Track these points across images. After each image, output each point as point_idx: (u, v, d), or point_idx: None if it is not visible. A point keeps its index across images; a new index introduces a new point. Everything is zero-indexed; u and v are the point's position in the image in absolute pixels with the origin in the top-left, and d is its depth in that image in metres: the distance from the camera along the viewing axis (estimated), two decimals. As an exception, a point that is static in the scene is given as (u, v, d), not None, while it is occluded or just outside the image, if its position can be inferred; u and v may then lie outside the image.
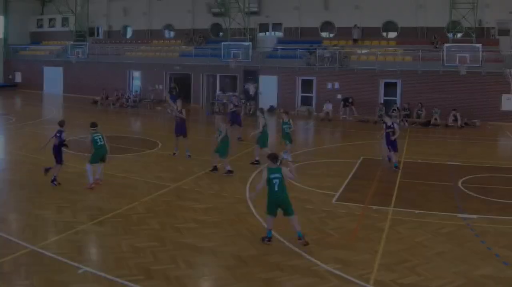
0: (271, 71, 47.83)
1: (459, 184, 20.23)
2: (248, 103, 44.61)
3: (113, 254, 12.33)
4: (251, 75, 47.23)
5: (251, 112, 43.07)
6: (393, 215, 16.08)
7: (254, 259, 12.28)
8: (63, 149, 18.39)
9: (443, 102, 40.50)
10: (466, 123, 38.63)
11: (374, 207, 16.95)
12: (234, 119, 31.27)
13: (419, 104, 40.25)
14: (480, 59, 40.03)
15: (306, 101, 47.60)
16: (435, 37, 45.97)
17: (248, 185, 19.56)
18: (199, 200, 17.48)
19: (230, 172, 21.29)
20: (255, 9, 52.80)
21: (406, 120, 39.58)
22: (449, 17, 43.55)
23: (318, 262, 12.14)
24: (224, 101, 45.28)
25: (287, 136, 24.40)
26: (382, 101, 43.26)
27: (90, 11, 61.22)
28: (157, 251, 12.59)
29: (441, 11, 45.29)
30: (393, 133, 22.77)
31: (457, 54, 40.23)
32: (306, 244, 13.12)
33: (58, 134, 18.26)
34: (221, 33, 56.32)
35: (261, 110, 25.19)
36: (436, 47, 44.81)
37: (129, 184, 19.33)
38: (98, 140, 19.62)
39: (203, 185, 19.52)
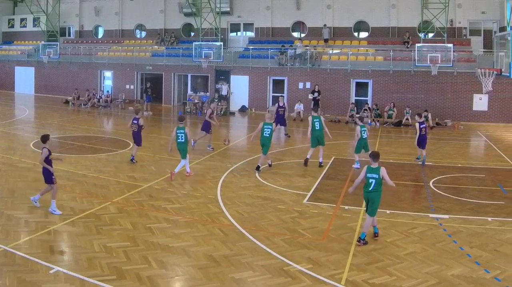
0: (242, 71, 47.93)
1: (431, 184, 20.38)
2: (220, 103, 44.60)
3: (85, 254, 12.30)
4: (223, 75, 47.18)
5: (222, 112, 43.19)
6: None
7: (227, 259, 12.28)
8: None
9: (415, 102, 41.00)
10: (437, 123, 38.96)
11: (346, 207, 17.02)
12: (280, 120, 31.87)
13: (391, 104, 40.47)
14: (452, 59, 40.25)
15: (277, 101, 47.16)
16: (406, 37, 46.25)
17: (219, 185, 19.58)
18: (171, 200, 17.45)
19: (269, 165, 22.61)
20: (226, 9, 52.92)
21: (378, 121, 39.83)
22: (420, 17, 43.75)
23: (290, 262, 12.17)
24: (196, 101, 45.61)
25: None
26: (354, 101, 43.44)
27: (62, 11, 60.73)
28: (129, 251, 12.58)
29: (413, 11, 45.93)
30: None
31: (429, 54, 40.37)
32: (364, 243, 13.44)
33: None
34: (192, 33, 56.45)
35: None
36: (408, 47, 45.12)
37: (101, 184, 19.26)
38: (179, 136, 21.12)
39: (175, 185, 19.51)
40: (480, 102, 40.96)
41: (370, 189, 13.73)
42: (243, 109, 47.45)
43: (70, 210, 15.75)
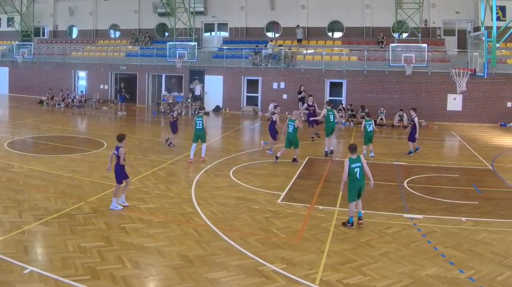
0: (216, 71, 47.97)
1: (405, 184, 20.47)
2: (193, 103, 44.69)
3: (60, 254, 12.24)
4: (197, 75, 47.25)
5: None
6: (339, 215, 16.17)
7: (201, 259, 12.27)
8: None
9: (389, 102, 41.26)
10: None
11: (320, 207, 17.05)
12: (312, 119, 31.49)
13: (362, 106, 40.57)
14: (426, 59, 40.53)
15: (251, 101, 47.84)
16: (381, 37, 46.52)
17: (194, 185, 19.58)
18: (145, 200, 17.43)
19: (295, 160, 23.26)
20: (200, 9, 52.98)
21: (352, 121, 39.92)
22: (395, 17, 44.12)
23: (264, 262, 12.18)
24: (170, 101, 45.61)
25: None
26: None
27: (36, 11, 60.53)
28: (103, 251, 12.53)
29: (387, 11, 46.32)
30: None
31: (403, 54, 40.67)
32: (362, 223, 15.04)
33: (115, 152, 16.73)
34: (167, 33, 56.43)
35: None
36: (382, 47, 45.35)
37: (76, 184, 19.18)
38: (198, 123, 23.68)
39: (150, 185, 19.49)
40: (454, 102, 41.29)
41: (358, 177, 15.02)
42: (217, 109, 47.49)
43: (44, 210, 15.67)
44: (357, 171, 14.98)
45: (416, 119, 25.65)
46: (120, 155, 16.32)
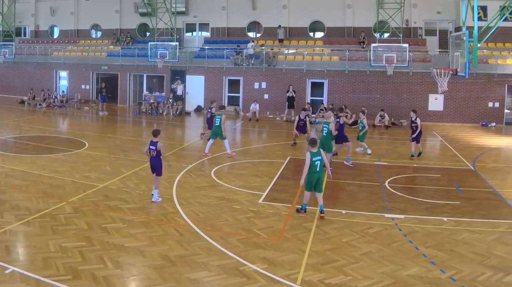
0: (198, 71, 47.95)
1: (387, 184, 20.46)
2: (175, 103, 44.82)
3: (41, 254, 12.18)
4: (178, 75, 47.14)
5: (177, 112, 43.18)
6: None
7: (182, 259, 12.23)
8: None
9: (370, 102, 41.41)
10: (393, 123, 39.36)
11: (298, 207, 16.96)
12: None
13: (343, 106, 40.55)
14: (407, 59, 40.80)
15: (233, 101, 47.95)
16: (362, 37, 46.76)
17: (175, 185, 19.58)
18: (126, 199, 17.36)
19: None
20: (182, 9, 53.18)
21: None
22: (376, 17, 44.43)
23: (246, 262, 12.15)
24: (151, 101, 45.59)
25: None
26: (309, 101, 43.64)
27: (17, 10, 60.20)
28: (85, 251, 12.47)
29: (369, 11, 46.66)
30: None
31: (384, 54, 40.88)
32: (323, 217, 15.73)
33: (152, 147, 17.60)
34: (148, 33, 56.53)
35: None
36: (363, 47, 45.62)
37: (57, 184, 19.07)
38: (217, 121, 24.66)
39: (131, 185, 19.43)
40: (436, 102, 41.53)
41: (318, 169, 15.87)
42: (198, 109, 47.55)
43: (25, 210, 15.59)
44: (317, 163, 15.83)
45: (418, 120, 25.69)
46: (160, 149, 17.40)
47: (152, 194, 17.40)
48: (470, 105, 41.40)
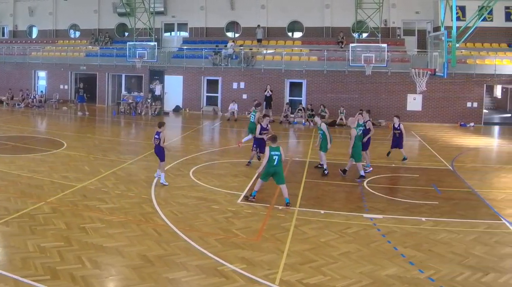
0: (176, 71, 47.95)
1: (365, 184, 20.49)
2: (153, 103, 44.79)
3: (19, 254, 12.12)
4: (157, 75, 47.13)
5: (156, 112, 43.12)
6: (299, 215, 16.16)
7: (160, 259, 12.21)
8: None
9: (349, 102, 41.54)
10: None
11: (280, 207, 17.02)
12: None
13: (321, 106, 40.87)
14: (386, 59, 40.87)
15: (211, 101, 48.01)
16: (340, 37, 46.92)
17: (153, 185, 19.51)
18: (105, 200, 17.30)
19: (362, 177, 21.33)
20: (160, 9, 53.00)
21: (311, 121, 39.81)
22: (354, 17, 44.52)
23: (224, 262, 12.13)
24: (130, 101, 45.64)
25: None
26: (288, 101, 43.77)
27: (-4, 11, 60.00)
28: (63, 251, 12.42)
29: (347, 11, 46.82)
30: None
31: (363, 54, 40.84)
32: (289, 206, 16.90)
33: (156, 136, 19.90)
34: (126, 33, 56.32)
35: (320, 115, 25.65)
36: (342, 47, 45.72)
37: (35, 184, 19.01)
38: (252, 117, 26.01)
39: (109, 185, 19.36)
40: (414, 102, 41.77)
41: (275, 163, 17.03)
42: (177, 109, 47.61)
43: (4, 210, 15.51)
44: (275, 158, 16.99)
45: (402, 126, 25.63)
46: (161, 138, 19.61)
47: (157, 176, 20.14)
48: (449, 105, 41.67)
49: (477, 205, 18.04)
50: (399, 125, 25.50)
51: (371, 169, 23.08)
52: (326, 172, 22.02)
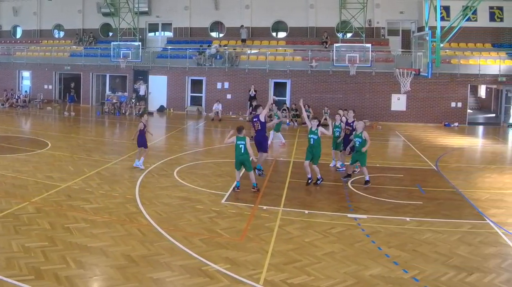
0: (161, 71, 47.98)
1: (349, 184, 20.53)
2: (138, 103, 44.79)
3: (4, 254, 12.09)
4: (141, 75, 47.25)
5: (140, 112, 42.98)
6: (283, 215, 16.17)
7: (145, 259, 12.19)
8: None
9: (333, 102, 41.41)
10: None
11: (264, 207, 17.00)
12: None
13: (306, 106, 40.67)
14: (370, 59, 41.02)
15: (195, 101, 48.03)
16: (325, 37, 47.10)
17: (138, 185, 19.49)
18: (89, 199, 17.26)
19: (368, 182, 20.79)
20: (145, 9, 52.98)
21: (296, 121, 40.24)
22: (339, 17, 44.62)
23: (208, 262, 12.12)
24: (114, 101, 45.75)
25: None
26: (272, 102, 43.34)
27: (-21, 10, 59.78)
28: (47, 251, 12.38)
29: (331, 11, 46.91)
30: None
31: (347, 54, 41.00)
32: (258, 191, 18.72)
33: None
34: (111, 33, 56.21)
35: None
36: (326, 47, 45.89)
37: (20, 184, 18.96)
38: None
39: (94, 185, 19.32)
40: (398, 102, 41.98)
41: (242, 152, 18.48)
42: (161, 109, 47.63)
43: (-12, 210, 15.52)
44: (241, 147, 18.44)
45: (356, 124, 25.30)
46: (141, 128, 22.20)
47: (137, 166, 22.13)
48: (433, 105, 41.90)
49: (461, 205, 18.08)
50: (352, 122, 23.63)
51: (344, 168, 23.04)
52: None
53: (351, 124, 23.11)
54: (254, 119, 20.89)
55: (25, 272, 11.12)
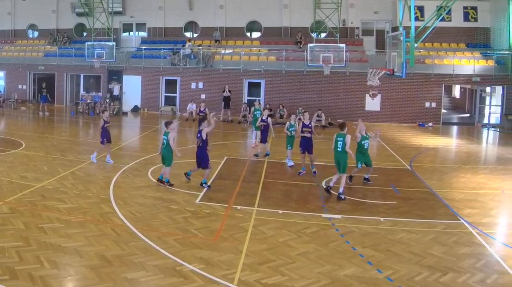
0: (135, 71, 47.90)
1: (324, 184, 20.53)
2: (112, 103, 44.71)
3: (-22, 254, 12.09)
4: (115, 75, 47.08)
5: (114, 112, 42.94)
6: (257, 215, 16.23)
7: (119, 259, 12.18)
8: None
9: (307, 102, 41.64)
10: (330, 123, 39.49)
11: (239, 207, 17.07)
12: None
13: (280, 106, 41.16)
14: (344, 59, 41.04)
15: (170, 101, 48.07)
16: (299, 38, 47.22)
17: (112, 185, 19.48)
18: (64, 199, 17.24)
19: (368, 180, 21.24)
20: (119, 9, 52.89)
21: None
22: (313, 17, 44.65)
23: (183, 262, 12.14)
24: (88, 101, 45.67)
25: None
26: (246, 101, 43.76)
27: (-45, 11, 59.36)
28: (22, 251, 12.36)
29: (306, 11, 47.13)
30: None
31: (321, 54, 40.99)
32: (163, 183, 19.39)
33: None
34: (85, 33, 55.85)
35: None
36: (300, 47, 45.98)
37: (-6, 184, 18.94)
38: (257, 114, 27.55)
39: (68, 185, 19.29)
40: (373, 102, 42.10)
41: (165, 146, 19.35)
42: (135, 109, 47.64)
43: (-38, 211, 15.45)
44: (164, 142, 19.51)
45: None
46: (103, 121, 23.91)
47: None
48: (407, 105, 42.15)
49: (436, 205, 18.21)
50: (309, 123, 23.51)
51: (305, 172, 22.80)
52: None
53: (309, 125, 23.11)
54: (198, 135, 20.31)
55: (-1, 272, 11.09)
